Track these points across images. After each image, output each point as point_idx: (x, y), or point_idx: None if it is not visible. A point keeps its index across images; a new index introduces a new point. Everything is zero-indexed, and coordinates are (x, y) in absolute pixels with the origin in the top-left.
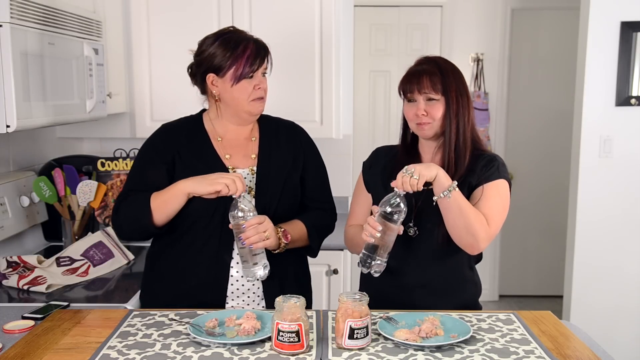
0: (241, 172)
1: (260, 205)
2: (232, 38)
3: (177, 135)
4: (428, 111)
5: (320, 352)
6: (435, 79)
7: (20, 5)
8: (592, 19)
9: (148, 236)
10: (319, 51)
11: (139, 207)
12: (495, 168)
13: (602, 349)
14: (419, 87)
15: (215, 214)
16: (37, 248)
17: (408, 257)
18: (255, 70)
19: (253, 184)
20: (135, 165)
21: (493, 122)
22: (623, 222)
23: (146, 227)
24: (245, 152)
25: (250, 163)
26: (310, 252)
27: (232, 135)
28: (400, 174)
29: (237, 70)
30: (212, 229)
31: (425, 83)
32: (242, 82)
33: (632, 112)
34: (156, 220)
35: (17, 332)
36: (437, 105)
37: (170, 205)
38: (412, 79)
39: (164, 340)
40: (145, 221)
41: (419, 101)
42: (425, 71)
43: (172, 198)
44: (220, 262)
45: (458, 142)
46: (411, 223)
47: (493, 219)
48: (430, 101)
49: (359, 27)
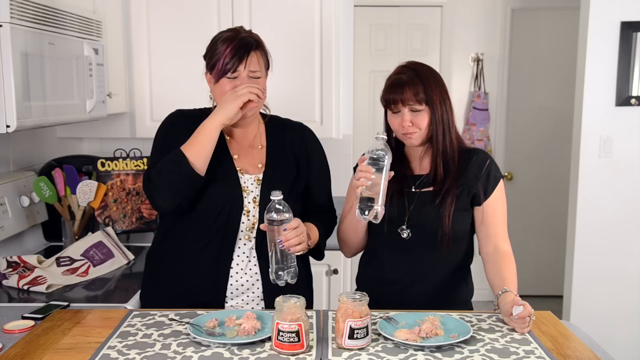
0: (248, 178)
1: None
2: (223, 36)
3: (189, 122)
4: (413, 121)
5: (320, 352)
6: (418, 89)
7: (20, 5)
8: (592, 19)
9: (188, 193)
10: (319, 51)
11: (174, 160)
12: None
13: (602, 349)
14: (403, 99)
15: (220, 215)
16: (37, 248)
17: (401, 259)
18: (235, 68)
19: (258, 191)
20: (157, 140)
21: (493, 122)
22: (623, 222)
23: (188, 177)
24: (251, 158)
25: (256, 171)
26: (318, 255)
27: (238, 137)
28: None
29: (219, 67)
30: (216, 230)
31: (408, 95)
32: (222, 81)
33: (632, 112)
34: (196, 166)
35: (17, 332)
36: (421, 115)
37: (206, 145)
38: (395, 90)
39: (164, 340)
40: (186, 170)
41: (404, 112)
42: (407, 82)
43: (206, 137)
44: (220, 262)
45: (445, 146)
46: (404, 226)
47: (505, 230)
48: (414, 112)
49: (359, 27)
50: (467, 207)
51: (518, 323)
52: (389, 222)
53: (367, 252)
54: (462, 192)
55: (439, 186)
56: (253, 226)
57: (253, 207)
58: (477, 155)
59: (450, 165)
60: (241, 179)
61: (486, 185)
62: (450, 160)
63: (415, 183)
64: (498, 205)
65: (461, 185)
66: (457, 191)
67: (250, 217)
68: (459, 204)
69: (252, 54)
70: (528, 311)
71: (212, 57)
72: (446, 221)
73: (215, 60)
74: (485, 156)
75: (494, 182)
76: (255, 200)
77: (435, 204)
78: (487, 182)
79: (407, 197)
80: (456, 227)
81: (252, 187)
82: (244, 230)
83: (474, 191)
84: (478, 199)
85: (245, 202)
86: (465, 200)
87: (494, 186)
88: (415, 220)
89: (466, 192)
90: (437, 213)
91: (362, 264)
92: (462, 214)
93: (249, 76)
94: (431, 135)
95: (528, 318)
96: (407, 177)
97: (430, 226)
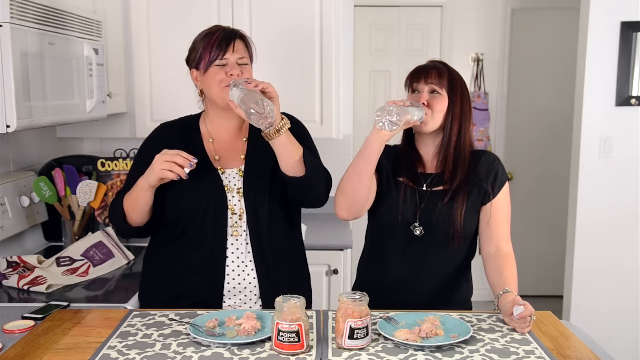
0: (229, 173)
1: (249, 204)
2: (204, 33)
3: (172, 135)
4: (429, 102)
5: (320, 352)
6: (444, 75)
7: (20, 5)
8: (592, 19)
9: (133, 234)
10: (319, 51)
11: (118, 206)
12: (500, 172)
13: (602, 349)
14: (426, 77)
15: (206, 214)
16: (37, 248)
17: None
18: (223, 54)
19: (241, 183)
20: (132, 164)
21: (493, 122)
22: (623, 222)
23: (122, 226)
24: (234, 153)
25: (239, 163)
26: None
27: (223, 135)
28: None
29: (206, 57)
30: (206, 229)
31: (432, 74)
32: (212, 68)
33: (632, 112)
34: (130, 218)
35: (17, 332)
36: (439, 99)
37: (139, 202)
38: (420, 70)
39: (164, 340)
40: (120, 219)
41: (423, 91)
42: (435, 67)
43: (139, 196)
44: (214, 261)
45: (458, 146)
46: (416, 223)
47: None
48: (433, 93)
49: (359, 27)
50: (478, 206)
51: (518, 323)
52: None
53: (370, 251)
54: (472, 190)
55: (450, 185)
56: (240, 217)
57: (238, 199)
58: (485, 156)
59: (460, 164)
60: (223, 177)
61: (494, 185)
62: (461, 161)
63: (427, 181)
64: (502, 206)
65: (472, 183)
66: (468, 189)
67: (236, 210)
68: (469, 203)
69: (237, 41)
70: (529, 311)
71: (197, 52)
72: (458, 219)
73: (201, 54)
74: (494, 157)
75: (500, 182)
76: (240, 192)
77: (447, 203)
78: (494, 182)
79: (418, 195)
80: (467, 226)
81: (235, 180)
82: (233, 225)
83: (484, 190)
84: (487, 198)
85: (229, 197)
86: (476, 199)
87: (500, 187)
88: (426, 218)
89: (477, 191)
90: (448, 211)
91: (364, 263)
92: (473, 213)
93: (237, 62)
94: (444, 127)
95: (529, 318)
96: (419, 175)
97: (441, 224)
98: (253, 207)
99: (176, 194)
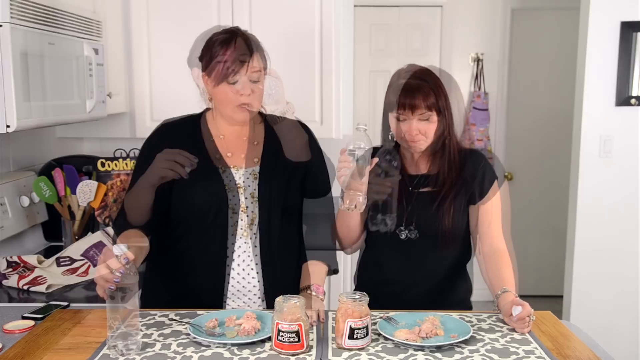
0: (243, 172)
1: (263, 208)
2: (221, 38)
3: (174, 133)
4: (421, 130)
5: (320, 352)
6: (430, 98)
7: (20, 5)
8: (592, 19)
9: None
10: (319, 51)
11: (119, 214)
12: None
13: (602, 349)
14: (413, 109)
15: (212, 216)
16: (37, 248)
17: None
18: (235, 73)
19: (255, 185)
20: (135, 164)
21: (493, 122)
22: (623, 222)
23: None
24: (247, 153)
25: (250, 164)
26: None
27: (234, 134)
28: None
29: (219, 70)
30: (212, 231)
31: (420, 105)
32: (222, 86)
33: (632, 112)
34: (130, 217)
35: (17, 332)
36: (431, 124)
37: (141, 199)
38: (405, 104)
39: (164, 340)
40: (121, 219)
41: (413, 121)
42: (421, 91)
43: (140, 192)
44: (217, 262)
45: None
46: (402, 226)
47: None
48: (423, 120)
49: (359, 27)
50: (465, 206)
51: (518, 323)
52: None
53: (365, 253)
54: (459, 191)
55: (438, 187)
56: (252, 222)
57: (251, 202)
58: (472, 156)
59: (448, 165)
60: (235, 175)
61: (481, 185)
62: (449, 161)
63: (412, 183)
64: (493, 205)
65: (458, 185)
66: (456, 190)
67: (248, 212)
68: (457, 203)
69: (252, 58)
70: (527, 311)
71: (210, 59)
72: (447, 221)
73: (214, 64)
74: (480, 157)
75: (489, 181)
76: (253, 196)
77: (435, 205)
78: (482, 182)
79: (405, 198)
80: (456, 226)
81: (249, 181)
82: (243, 228)
83: (470, 190)
84: (474, 198)
85: (242, 199)
86: (463, 200)
87: (489, 186)
88: (414, 221)
89: (463, 192)
90: (436, 213)
91: (360, 264)
92: (461, 214)
93: (249, 80)
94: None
95: (528, 318)
96: (405, 176)
97: (430, 227)
98: (267, 211)
99: (185, 192)
